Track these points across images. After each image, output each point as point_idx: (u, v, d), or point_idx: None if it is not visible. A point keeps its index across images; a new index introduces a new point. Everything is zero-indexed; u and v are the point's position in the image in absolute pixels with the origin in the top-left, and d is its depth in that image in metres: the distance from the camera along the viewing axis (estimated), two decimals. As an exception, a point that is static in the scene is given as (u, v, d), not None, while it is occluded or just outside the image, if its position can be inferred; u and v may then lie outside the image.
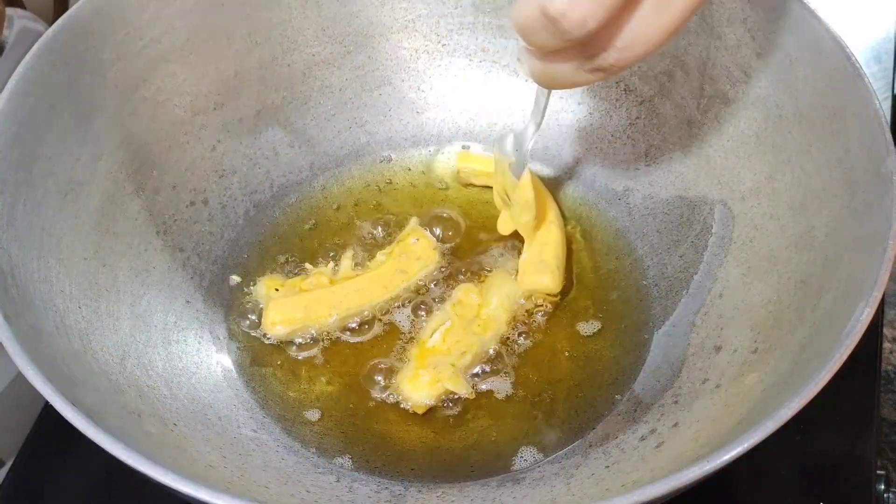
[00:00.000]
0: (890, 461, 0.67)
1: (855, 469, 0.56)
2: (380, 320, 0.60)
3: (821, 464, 0.56)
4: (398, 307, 0.61)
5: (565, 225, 0.65)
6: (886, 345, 0.72)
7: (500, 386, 0.57)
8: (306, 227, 0.66)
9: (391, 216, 0.66)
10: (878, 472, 0.56)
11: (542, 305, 0.60)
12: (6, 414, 0.62)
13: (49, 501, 0.56)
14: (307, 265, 0.63)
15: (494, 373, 0.58)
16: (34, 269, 0.49)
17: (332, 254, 0.64)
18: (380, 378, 0.58)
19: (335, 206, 0.67)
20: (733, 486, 0.54)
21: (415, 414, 0.56)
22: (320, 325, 0.59)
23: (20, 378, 0.41)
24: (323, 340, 0.59)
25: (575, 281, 0.63)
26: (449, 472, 0.54)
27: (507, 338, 0.59)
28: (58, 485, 0.57)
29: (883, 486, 0.56)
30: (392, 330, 0.60)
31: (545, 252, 0.61)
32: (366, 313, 0.60)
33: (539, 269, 0.60)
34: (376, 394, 0.57)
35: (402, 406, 0.56)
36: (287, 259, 0.64)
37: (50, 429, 0.58)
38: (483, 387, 0.57)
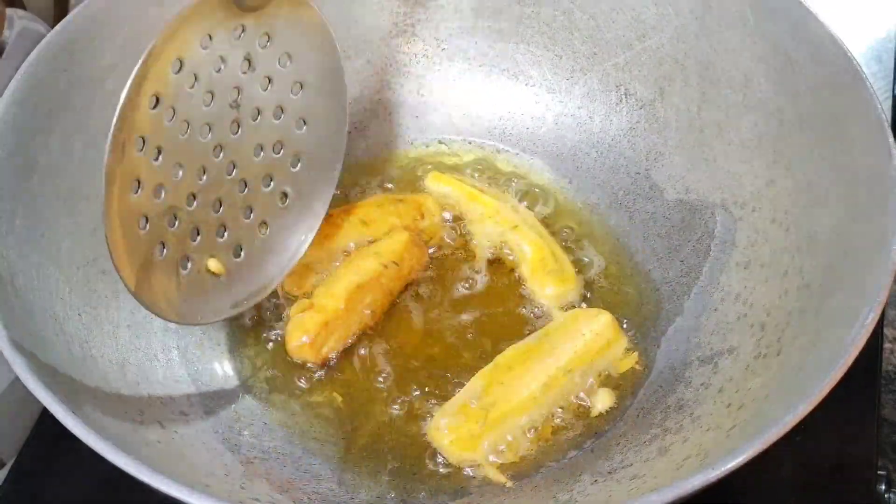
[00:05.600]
0: (891, 461, 0.67)
1: (855, 469, 0.56)
2: (382, 324, 0.60)
3: (821, 464, 0.56)
4: (399, 306, 0.60)
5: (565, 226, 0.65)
6: (887, 345, 0.72)
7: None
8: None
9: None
10: (879, 472, 0.56)
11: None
12: (6, 414, 0.62)
13: (49, 501, 0.56)
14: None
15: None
16: (34, 276, 0.49)
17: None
18: (386, 387, 0.57)
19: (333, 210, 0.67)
20: (734, 486, 0.54)
21: (417, 423, 0.56)
22: None
23: (20, 379, 0.41)
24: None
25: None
26: (449, 479, 0.53)
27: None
28: (58, 485, 0.56)
29: (884, 487, 0.56)
30: (395, 330, 0.60)
31: (547, 264, 0.61)
32: (373, 325, 0.60)
33: (549, 280, 0.60)
34: (381, 405, 0.56)
35: (406, 417, 0.56)
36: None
37: (50, 429, 0.58)
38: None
